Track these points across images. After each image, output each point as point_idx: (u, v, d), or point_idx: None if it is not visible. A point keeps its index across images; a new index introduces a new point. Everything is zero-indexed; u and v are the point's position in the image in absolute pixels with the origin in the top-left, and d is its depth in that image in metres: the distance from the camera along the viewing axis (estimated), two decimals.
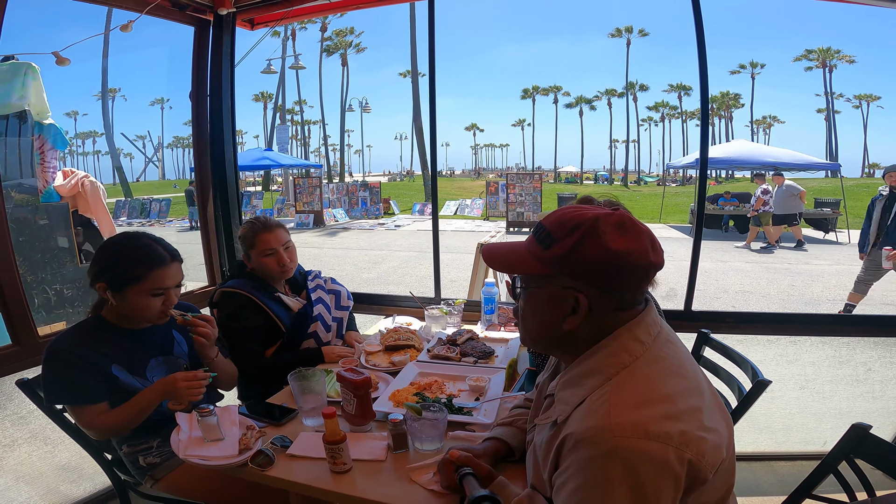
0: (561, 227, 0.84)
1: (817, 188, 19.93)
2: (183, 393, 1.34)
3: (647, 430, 0.73)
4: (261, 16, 2.58)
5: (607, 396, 0.78)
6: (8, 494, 1.96)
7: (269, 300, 1.84)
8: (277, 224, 1.89)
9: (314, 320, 1.91)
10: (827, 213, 11.60)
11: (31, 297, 3.49)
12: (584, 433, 0.76)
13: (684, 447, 0.73)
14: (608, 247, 0.80)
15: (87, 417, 1.36)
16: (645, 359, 0.82)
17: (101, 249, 1.42)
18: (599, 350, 0.84)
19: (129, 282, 1.36)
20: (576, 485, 0.75)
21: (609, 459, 0.72)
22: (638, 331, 0.84)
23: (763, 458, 2.34)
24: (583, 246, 0.81)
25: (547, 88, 53.40)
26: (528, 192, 13.43)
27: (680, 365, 0.84)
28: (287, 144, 21.09)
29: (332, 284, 2.08)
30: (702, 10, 2.01)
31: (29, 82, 3.41)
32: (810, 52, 41.04)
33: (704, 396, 0.82)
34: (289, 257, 1.87)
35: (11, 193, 3.58)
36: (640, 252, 0.81)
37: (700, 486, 0.76)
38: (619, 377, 0.80)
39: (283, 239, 1.87)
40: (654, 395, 0.77)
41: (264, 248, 1.83)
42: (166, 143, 56.58)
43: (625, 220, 0.83)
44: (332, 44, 38.98)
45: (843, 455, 1.10)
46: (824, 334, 2.20)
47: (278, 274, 1.87)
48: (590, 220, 0.82)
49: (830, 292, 6.50)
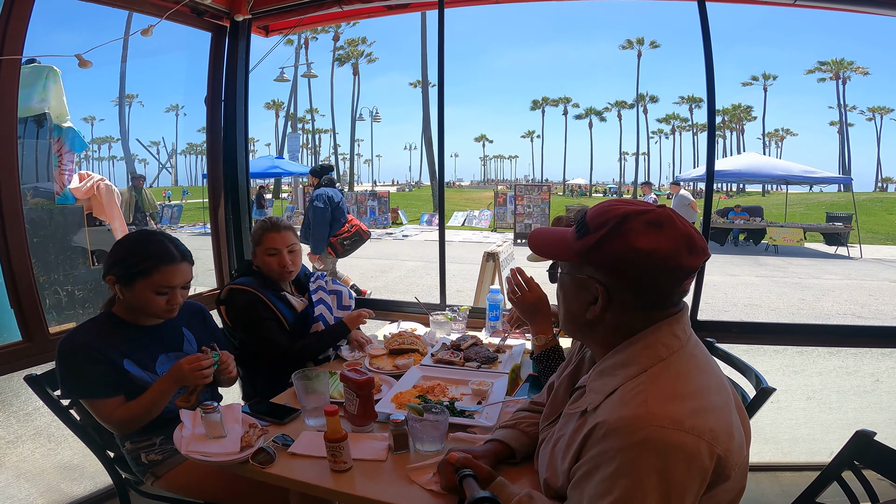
0: (596, 219, 0.86)
1: (829, 202, 19.75)
2: (189, 376, 1.36)
3: (683, 422, 0.73)
4: (275, 23, 2.65)
5: (643, 387, 0.79)
6: (8, 491, 1.97)
7: (275, 298, 1.88)
8: (287, 227, 1.93)
9: (315, 321, 1.94)
10: (839, 227, 11.49)
11: (43, 297, 3.53)
12: (618, 422, 0.76)
13: (716, 442, 0.74)
14: (631, 244, 0.81)
15: (106, 411, 1.38)
16: (681, 354, 0.83)
17: (117, 244, 1.46)
18: (636, 343, 0.85)
19: (137, 275, 1.39)
20: (605, 473, 0.75)
21: (642, 448, 0.73)
22: (676, 327, 0.85)
23: (768, 468, 2.31)
24: (608, 240, 0.83)
25: (557, 100, 53.64)
26: (536, 204, 13.43)
27: (709, 364, 0.86)
28: (298, 153, 21.24)
29: (334, 285, 2.10)
30: (711, 22, 2.02)
31: (50, 85, 3.48)
32: (823, 64, 40.83)
33: (730, 396, 0.84)
34: (291, 260, 1.90)
35: (27, 196, 3.65)
36: (667, 253, 0.81)
37: (722, 482, 0.76)
38: (655, 369, 0.81)
39: (289, 241, 1.90)
40: (689, 389, 0.78)
41: (269, 246, 1.87)
42: (180, 149, 57.42)
43: (662, 218, 0.82)
44: (343, 53, 39.48)
45: (846, 462, 1.09)
46: (832, 345, 2.17)
47: (278, 275, 1.90)
48: (620, 216, 0.83)
49: (841, 307, 6.42)
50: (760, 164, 12.20)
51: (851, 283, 7.99)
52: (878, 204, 22.98)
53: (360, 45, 39.72)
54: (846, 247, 11.23)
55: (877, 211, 20.80)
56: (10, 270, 1.78)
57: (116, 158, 58.34)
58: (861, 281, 8.23)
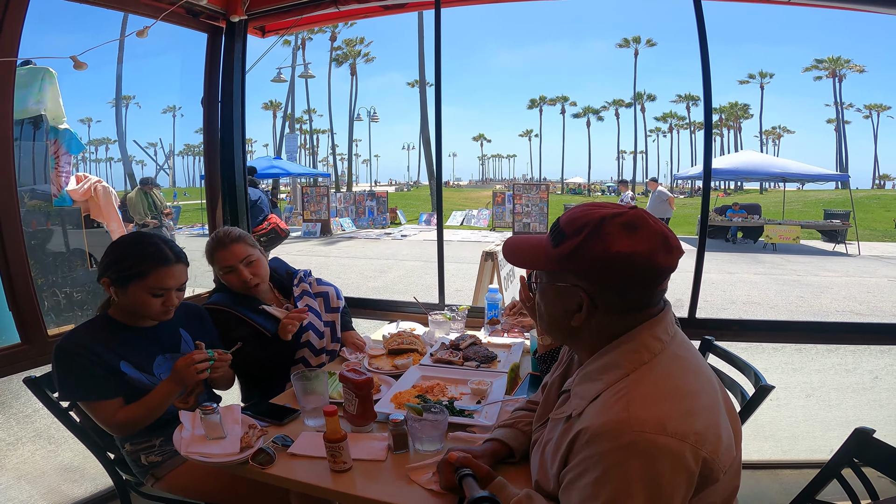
0: (570, 225, 0.85)
1: (827, 199, 19.80)
2: (186, 374, 1.36)
3: (666, 425, 0.73)
4: (272, 23, 2.64)
5: (626, 391, 0.78)
6: (8, 493, 1.97)
7: (253, 314, 1.77)
8: (236, 238, 1.76)
9: (305, 330, 1.82)
10: (837, 224, 11.52)
11: (42, 299, 3.52)
12: (601, 427, 0.76)
13: (701, 445, 0.73)
14: (610, 248, 0.81)
15: (105, 413, 1.38)
16: (664, 356, 0.82)
17: (112, 245, 1.46)
18: (618, 346, 0.84)
19: (132, 278, 1.39)
20: (590, 479, 0.75)
21: (626, 453, 0.73)
22: (658, 329, 0.84)
23: (768, 466, 2.31)
24: (586, 245, 0.82)
25: (554, 99, 53.71)
26: (535, 203, 13.44)
27: (696, 364, 0.85)
28: (296, 153, 21.27)
29: (319, 286, 1.97)
30: (708, 21, 2.02)
31: (46, 87, 3.47)
32: (820, 62, 40.90)
33: (718, 396, 0.83)
34: (252, 272, 1.75)
35: (24, 198, 3.63)
36: (646, 254, 0.81)
37: (711, 485, 0.76)
38: (638, 373, 0.81)
39: (242, 254, 1.74)
40: (672, 391, 0.78)
41: (223, 265, 1.75)
42: (177, 150, 57.24)
43: (635, 220, 0.83)
44: (341, 53, 39.41)
45: (845, 460, 1.09)
46: (830, 342, 2.18)
47: (243, 291, 1.78)
48: (596, 220, 0.83)
49: (840, 304, 6.43)
50: (758, 161, 12.23)
51: (849, 280, 8.01)
52: (876, 201, 23.05)
53: (358, 46, 39.67)
54: (844, 244, 11.25)
55: (874, 208, 20.86)
56: (7, 272, 1.77)
57: (114, 160, 58.24)
58: (859, 278, 8.25)
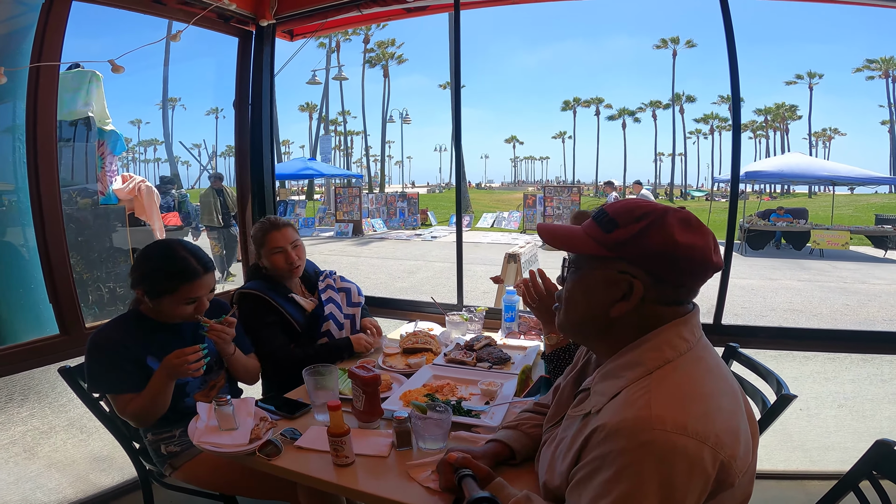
0: (626, 214, 0.85)
1: (879, 204, 18.77)
2: (174, 366, 1.39)
3: (687, 425, 0.72)
4: (299, 27, 2.71)
5: (648, 388, 0.77)
6: (38, 480, 2.06)
7: (283, 300, 1.90)
8: (286, 223, 1.95)
9: (326, 320, 1.95)
10: (888, 230, 10.89)
11: (87, 293, 3.72)
12: (620, 423, 0.75)
13: (720, 448, 0.72)
14: (674, 237, 0.81)
15: (121, 404, 1.46)
16: (688, 357, 0.81)
17: (141, 258, 1.52)
18: (642, 343, 0.84)
19: (164, 293, 1.47)
20: (605, 476, 0.74)
21: (642, 452, 0.72)
22: (684, 329, 0.83)
23: (795, 476, 2.22)
24: (648, 233, 0.82)
25: (588, 100, 52.60)
26: (566, 206, 13.29)
27: (718, 367, 0.84)
28: (330, 154, 21.68)
29: (343, 282, 2.11)
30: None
31: (93, 90, 3.64)
32: (872, 62, 38.83)
33: (739, 400, 0.82)
34: (297, 255, 1.92)
35: (76, 198, 3.82)
36: (703, 249, 0.82)
37: (726, 489, 0.75)
38: (662, 371, 0.80)
39: (292, 237, 1.93)
40: (695, 392, 0.77)
41: (273, 245, 1.89)
42: (220, 151, 59.25)
43: (690, 218, 0.84)
44: (374, 55, 39.87)
45: (864, 472, 1.05)
46: (865, 351, 2.06)
47: (287, 272, 1.92)
48: (659, 211, 0.84)
49: (887, 312, 6.09)
50: (804, 164, 11.71)
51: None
52: None
53: (390, 48, 40.00)
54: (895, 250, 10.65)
55: None
56: (48, 266, 1.89)
57: (161, 160, 60.67)
58: None
